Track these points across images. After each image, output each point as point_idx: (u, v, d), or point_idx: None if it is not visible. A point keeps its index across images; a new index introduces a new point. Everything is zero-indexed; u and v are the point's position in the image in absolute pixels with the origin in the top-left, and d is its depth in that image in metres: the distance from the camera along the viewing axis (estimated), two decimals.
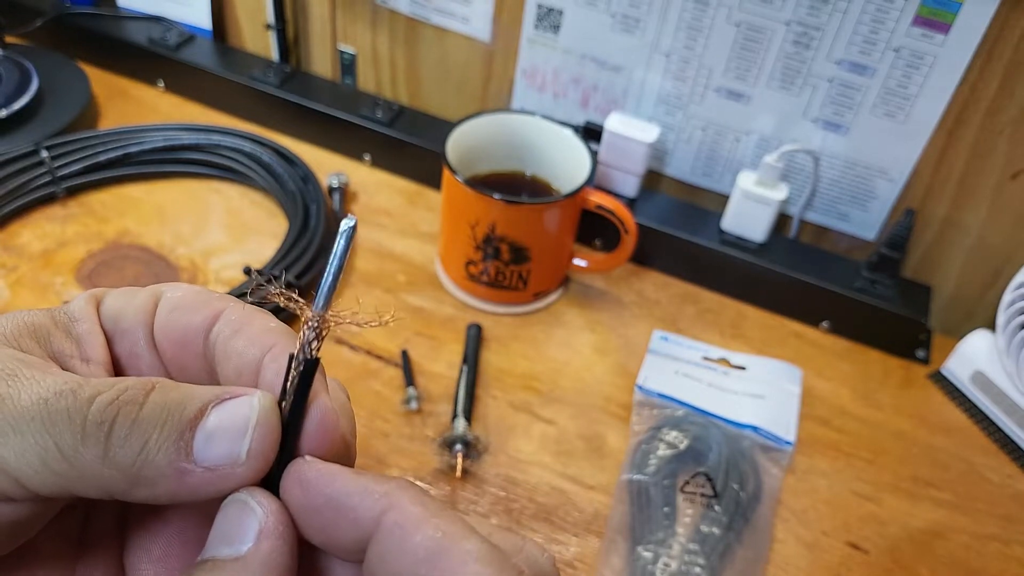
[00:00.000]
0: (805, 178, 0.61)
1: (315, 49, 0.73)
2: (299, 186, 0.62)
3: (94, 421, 0.17)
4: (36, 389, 0.17)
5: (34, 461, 0.17)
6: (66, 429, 0.17)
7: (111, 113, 0.70)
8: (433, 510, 0.17)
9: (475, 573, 0.16)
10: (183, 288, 0.21)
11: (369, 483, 0.18)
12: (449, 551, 0.17)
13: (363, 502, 0.17)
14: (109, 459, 0.17)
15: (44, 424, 0.17)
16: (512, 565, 0.17)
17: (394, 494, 0.17)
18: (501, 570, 0.17)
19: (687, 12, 0.57)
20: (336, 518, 0.18)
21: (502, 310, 0.58)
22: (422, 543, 0.17)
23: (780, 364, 0.57)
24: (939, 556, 0.48)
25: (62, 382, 0.18)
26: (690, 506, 0.47)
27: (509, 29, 0.64)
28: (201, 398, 0.18)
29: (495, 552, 0.17)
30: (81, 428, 0.17)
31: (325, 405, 0.19)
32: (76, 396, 0.17)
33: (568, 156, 0.57)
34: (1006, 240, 0.58)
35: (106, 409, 0.17)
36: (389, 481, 0.18)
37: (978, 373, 0.56)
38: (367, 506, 0.17)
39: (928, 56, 0.53)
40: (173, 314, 0.21)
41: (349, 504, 0.18)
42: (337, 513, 0.18)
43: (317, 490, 0.18)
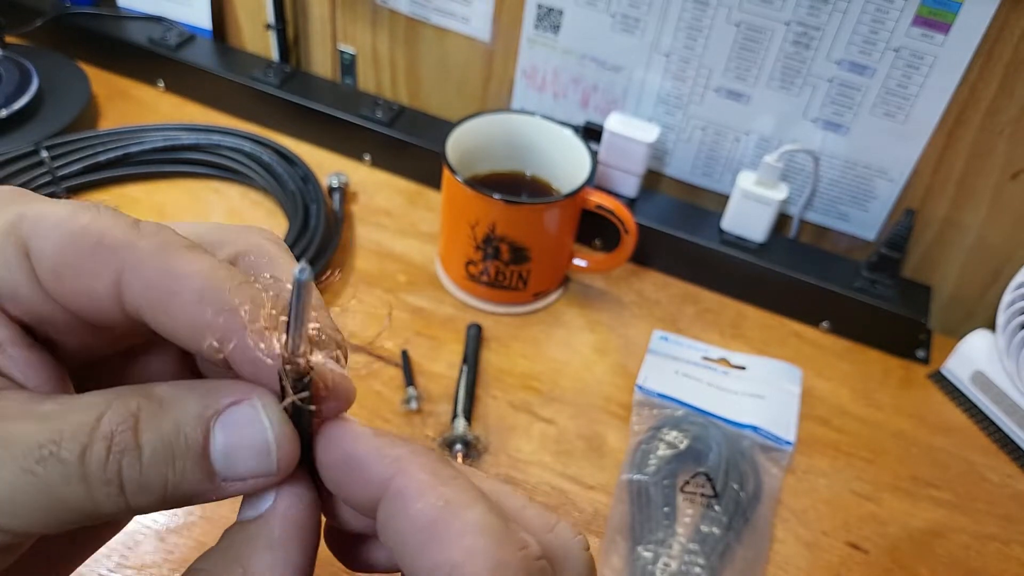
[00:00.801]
0: (805, 178, 0.61)
1: (315, 49, 0.73)
2: (299, 186, 0.62)
3: (98, 480, 0.16)
4: (7, 460, 0.16)
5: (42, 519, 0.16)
6: (70, 494, 0.16)
7: (111, 113, 0.70)
8: (443, 478, 0.17)
9: (472, 544, 0.16)
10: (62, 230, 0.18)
11: (383, 446, 0.18)
12: (449, 521, 0.16)
13: (374, 465, 0.18)
14: (132, 506, 0.17)
15: (43, 494, 0.16)
16: (515, 539, 0.17)
17: (404, 459, 0.18)
18: (501, 543, 0.16)
19: (687, 12, 0.57)
20: (349, 477, 0.18)
21: (502, 310, 0.58)
22: (423, 511, 0.17)
23: (780, 364, 0.57)
24: (939, 556, 0.48)
25: (35, 442, 0.16)
26: (690, 506, 0.47)
27: (509, 29, 0.64)
28: (197, 418, 0.17)
29: (497, 524, 0.17)
30: (87, 492, 0.16)
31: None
32: (61, 460, 0.16)
33: (568, 156, 0.57)
34: (1006, 240, 0.58)
35: (106, 467, 0.16)
36: (403, 446, 0.18)
37: (978, 373, 0.56)
38: (377, 469, 0.17)
39: (928, 56, 0.53)
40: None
41: (361, 465, 0.18)
42: (350, 472, 0.18)
43: (333, 447, 0.18)
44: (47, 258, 0.17)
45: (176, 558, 0.42)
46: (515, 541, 0.17)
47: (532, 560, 0.17)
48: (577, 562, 0.18)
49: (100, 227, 0.17)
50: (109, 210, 0.18)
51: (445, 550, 0.16)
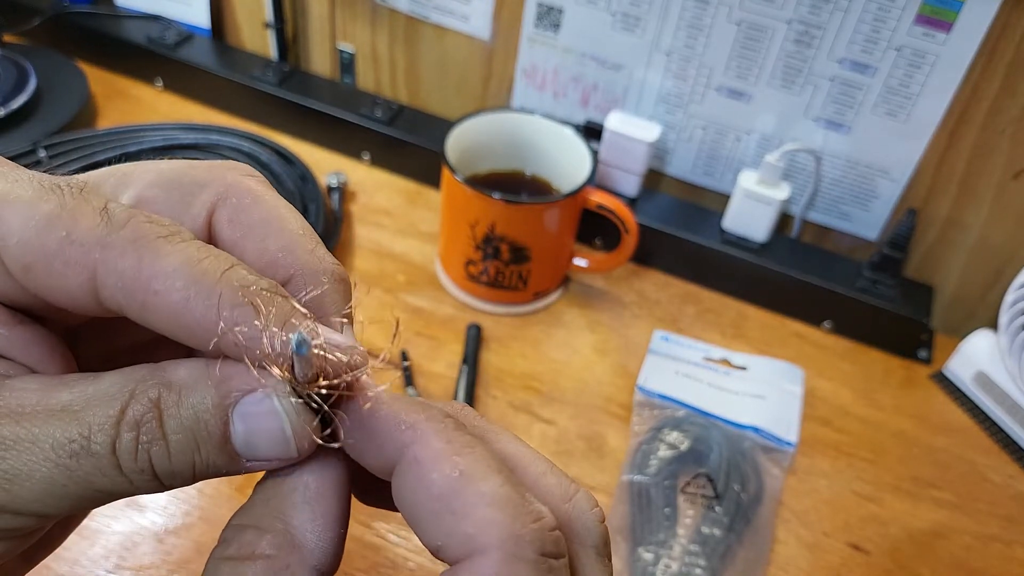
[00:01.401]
0: (807, 177, 0.61)
1: (314, 48, 0.73)
2: (298, 185, 0.61)
3: (131, 470, 0.17)
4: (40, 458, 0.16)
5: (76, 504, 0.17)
6: (106, 482, 0.17)
7: (109, 112, 0.69)
8: (459, 446, 0.17)
9: (485, 516, 0.16)
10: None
11: (400, 412, 0.18)
12: (462, 491, 0.16)
13: (390, 432, 0.17)
14: (167, 486, 0.17)
15: (78, 485, 0.16)
16: (529, 510, 0.16)
17: (421, 427, 0.17)
18: (515, 516, 0.16)
19: (687, 11, 0.57)
20: (366, 441, 0.18)
21: (502, 310, 0.58)
22: (437, 481, 0.16)
23: (781, 364, 0.57)
24: (940, 557, 0.48)
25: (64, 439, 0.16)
26: (691, 507, 0.47)
27: (509, 28, 0.64)
28: (216, 408, 0.17)
29: (512, 495, 0.16)
30: (122, 479, 0.17)
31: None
32: (93, 454, 0.16)
33: (568, 155, 0.57)
34: (1008, 240, 0.58)
35: (136, 457, 0.17)
36: (421, 412, 0.18)
37: (980, 373, 0.56)
38: (393, 436, 0.17)
39: (930, 55, 0.53)
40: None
41: (377, 431, 0.17)
42: (366, 437, 0.18)
43: (350, 411, 0.18)
44: (13, 253, 0.17)
45: (174, 559, 0.42)
46: (529, 513, 0.16)
47: (546, 532, 0.16)
48: (593, 534, 0.18)
49: (66, 219, 0.17)
50: (75, 192, 0.17)
51: (459, 522, 0.16)
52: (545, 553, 0.16)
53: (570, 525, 0.18)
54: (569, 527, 0.18)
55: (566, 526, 0.18)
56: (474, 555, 0.16)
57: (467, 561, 0.16)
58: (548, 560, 0.16)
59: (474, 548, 0.16)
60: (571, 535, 0.18)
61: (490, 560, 0.16)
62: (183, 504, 0.44)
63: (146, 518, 0.43)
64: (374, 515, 0.45)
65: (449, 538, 0.16)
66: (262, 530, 0.17)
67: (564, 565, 0.17)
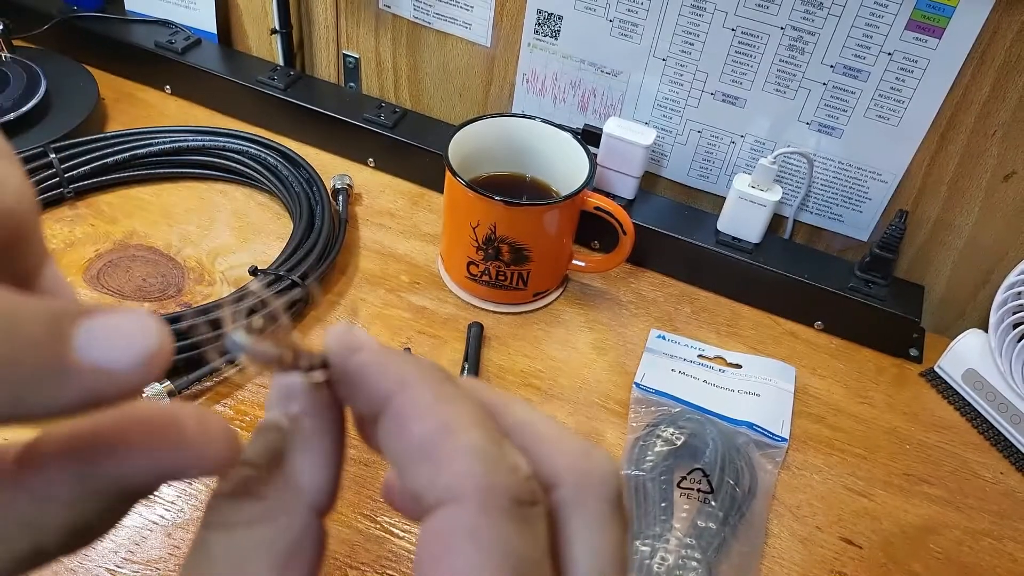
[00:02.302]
0: (799, 180, 0.62)
1: (319, 54, 0.74)
2: (304, 188, 0.63)
3: None
4: None
5: None
6: None
7: (119, 116, 0.71)
8: (444, 398, 0.17)
9: (461, 467, 0.16)
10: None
11: (388, 363, 0.18)
12: (442, 443, 0.17)
13: (378, 381, 0.18)
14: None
15: None
16: (505, 461, 0.17)
17: (408, 378, 0.18)
18: (490, 466, 0.16)
19: (684, 17, 0.58)
20: (354, 389, 0.18)
21: (503, 309, 0.59)
22: (419, 431, 0.17)
23: (775, 362, 0.58)
24: (932, 551, 0.49)
25: None
26: (686, 501, 0.48)
27: (509, 34, 0.65)
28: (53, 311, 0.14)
29: (489, 448, 0.17)
30: None
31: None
32: None
33: (567, 159, 0.58)
34: (998, 241, 0.59)
35: None
36: (408, 364, 0.18)
37: (970, 371, 0.57)
38: (380, 385, 0.18)
39: (921, 60, 0.54)
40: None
41: (365, 379, 0.18)
42: (355, 385, 0.18)
43: (339, 359, 0.18)
44: None
45: (183, 553, 0.43)
46: (505, 463, 0.17)
47: (522, 481, 0.17)
48: (609, 487, 0.18)
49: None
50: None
51: (437, 472, 0.16)
52: (520, 501, 0.16)
53: (587, 479, 0.18)
54: (586, 480, 0.18)
55: (583, 480, 0.18)
56: (450, 504, 0.16)
57: (442, 509, 0.16)
58: (523, 507, 0.16)
59: (449, 497, 0.16)
60: (587, 489, 0.18)
61: (465, 509, 0.16)
62: (192, 498, 0.45)
63: (155, 512, 0.44)
64: (378, 509, 0.46)
65: (427, 489, 0.16)
66: (261, 468, 0.18)
67: (540, 513, 0.17)
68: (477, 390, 0.19)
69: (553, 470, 0.18)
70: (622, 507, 0.18)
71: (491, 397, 0.19)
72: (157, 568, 0.42)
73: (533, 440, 0.18)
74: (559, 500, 0.18)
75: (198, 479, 0.46)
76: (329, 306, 0.58)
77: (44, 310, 0.14)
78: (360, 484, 0.47)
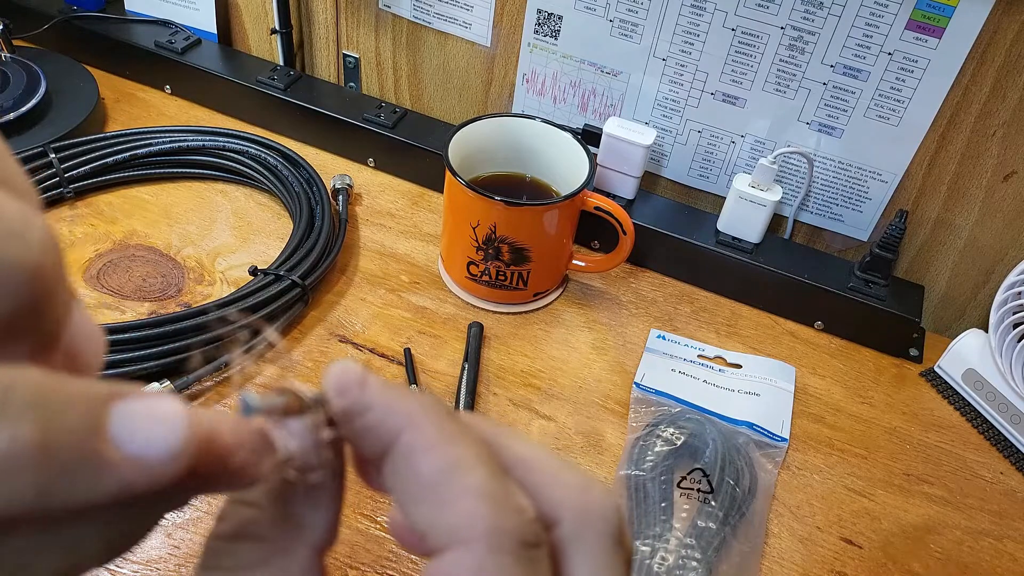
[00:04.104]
0: (799, 180, 0.62)
1: (319, 54, 0.74)
2: (304, 188, 0.63)
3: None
4: None
5: None
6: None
7: (119, 116, 0.71)
8: (450, 435, 0.17)
9: (468, 508, 0.16)
10: None
11: (394, 400, 0.18)
12: (449, 483, 0.17)
13: (384, 418, 0.18)
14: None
15: None
16: (511, 504, 0.17)
17: (416, 415, 0.17)
18: (499, 508, 0.16)
19: (684, 17, 0.58)
20: (360, 427, 0.18)
21: (503, 309, 0.59)
22: (426, 470, 0.17)
23: (774, 362, 0.58)
24: (932, 551, 0.49)
25: None
26: (686, 501, 0.48)
27: (509, 34, 0.65)
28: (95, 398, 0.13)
29: (495, 489, 0.17)
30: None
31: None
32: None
33: (567, 159, 0.58)
34: (997, 240, 0.59)
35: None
36: (415, 400, 0.18)
37: (970, 371, 0.57)
38: (387, 423, 0.17)
39: (921, 60, 0.54)
40: None
41: (371, 417, 0.18)
42: (360, 423, 0.18)
43: (346, 398, 0.18)
44: None
45: (183, 553, 0.43)
46: (511, 505, 0.17)
47: (527, 524, 0.17)
48: (610, 523, 0.18)
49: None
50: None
51: (445, 512, 0.16)
52: (526, 543, 0.16)
53: (587, 515, 0.18)
54: (586, 517, 0.18)
55: (583, 517, 0.18)
56: (457, 546, 0.16)
57: (450, 552, 0.16)
58: (529, 549, 0.16)
59: (457, 539, 0.16)
60: (588, 525, 0.18)
61: (472, 552, 0.16)
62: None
63: None
64: (378, 509, 0.46)
65: (433, 528, 0.17)
66: (260, 508, 0.17)
67: (544, 555, 0.17)
68: (476, 424, 0.19)
69: (553, 506, 0.18)
70: (623, 542, 0.18)
71: (489, 431, 0.19)
72: (157, 568, 0.42)
73: (532, 476, 0.18)
74: (560, 537, 0.18)
75: None
76: (329, 307, 0.58)
77: (82, 396, 0.13)
78: (360, 484, 0.47)
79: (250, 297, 0.53)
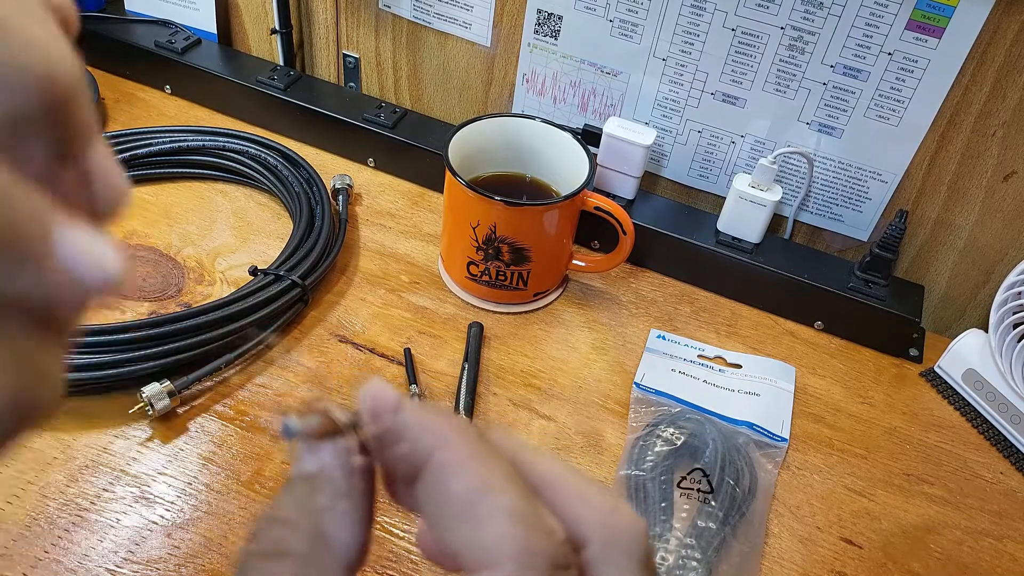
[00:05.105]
0: (799, 180, 0.62)
1: (319, 54, 0.74)
2: (304, 188, 0.63)
3: None
4: None
5: None
6: None
7: (118, 116, 0.71)
8: (481, 457, 0.18)
9: (500, 529, 0.17)
10: None
11: (428, 419, 0.18)
12: (481, 503, 0.17)
13: (418, 437, 0.18)
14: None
15: None
16: (542, 525, 0.17)
17: (447, 437, 0.18)
18: (531, 530, 0.17)
19: (684, 17, 0.58)
20: (393, 447, 0.18)
21: (503, 309, 0.59)
22: (458, 490, 0.17)
23: (774, 362, 0.58)
24: (932, 551, 0.49)
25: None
26: (686, 501, 0.48)
27: (510, 34, 0.65)
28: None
29: (527, 510, 0.17)
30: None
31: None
32: None
33: (567, 159, 0.58)
34: (997, 240, 0.59)
35: None
36: (448, 421, 0.18)
37: (970, 371, 0.57)
38: (421, 442, 0.18)
39: (921, 60, 0.54)
40: None
41: (405, 436, 0.18)
42: (394, 442, 0.18)
43: (380, 422, 0.18)
44: None
45: (183, 553, 0.43)
46: (542, 527, 0.17)
47: (558, 545, 0.17)
48: (637, 545, 0.18)
49: None
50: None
51: (476, 532, 0.17)
52: (557, 565, 0.17)
53: (615, 536, 0.18)
54: (615, 539, 0.18)
55: (612, 538, 0.18)
56: (489, 567, 0.16)
57: (481, 573, 0.16)
58: (559, 572, 0.17)
59: (489, 560, 0.16)
60: (615, 547, 0.18)
61: (504, 573, 0.16)
62: (191, 499, 0.45)
63: (155, 512, 0.44)
64: (379, 509, 0.46)
65: (465, 548, 0.17)
66: (293, 526, 0.18)
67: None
68: (505, 444, 0.19)
69: (581, 527, 0.18)
70: (650, 565, 0.19)
71: (518, 451, 0.19)
72: (157, 568, 0.42)
73: (560, 496, 0.19)
74: (588, 559, 0.18)
75: (203, 480, 0.46)
76: (329, 306, 0.58)
77: (41, 206, 0.14)
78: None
79: (250, 297, 0.53)
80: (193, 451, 0.47)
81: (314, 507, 0.18)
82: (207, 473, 0.46)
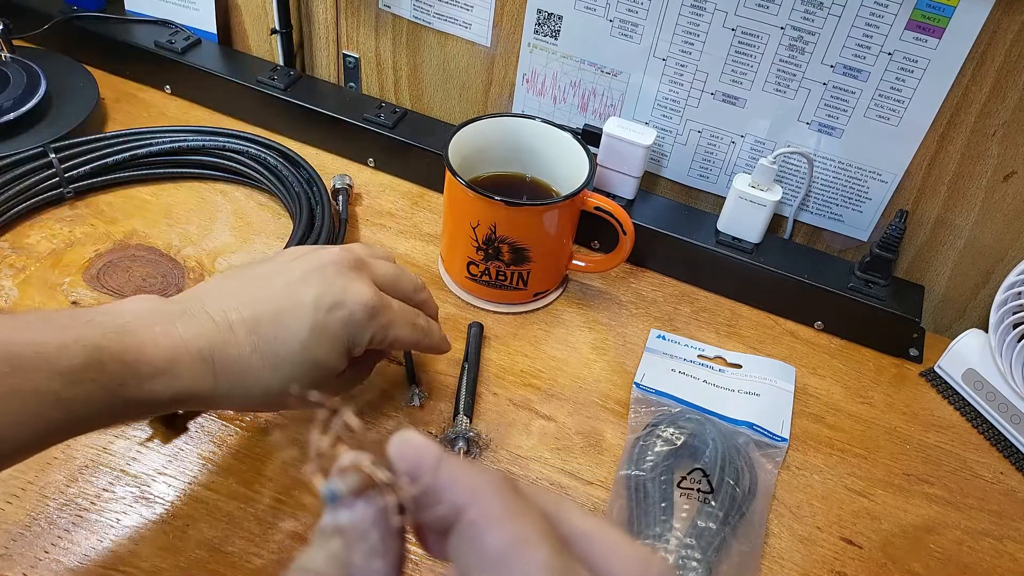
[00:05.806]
0: (799, 180, 0.62)
1: (319, 54, 0.74)
2: (304, 188, 0.63)
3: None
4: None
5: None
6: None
7: (119, 116, 0.71)
8: (516, 511, 0.18)
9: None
10: None
11: (460, 474, 0.18)
12: (516, 557, 0.17)
13: (449, 492, 0.18)
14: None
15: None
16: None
17: (480, 490, 0.18)
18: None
19: (684, 17, 0.58)
20: (424, 500, 0.18)
21: (503, 309, 0.59)
22: (492, 545, 0.17)
23: (774, 362, 0.58)
24: (932, 551, 0.49)
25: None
26: (686, 501, 0.48)
27: (509, 34, 0.65)
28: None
29: (563, 566, 0.17)
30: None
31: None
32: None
33: (567, 159, 0.58)
34: (998, 240, 0.59)
35: None
36: (481, 475, 0.18)
37: (970, 371, 0.57)
38: (452, 497, 0.18)
39: (921, 60, 0.54)
40: None
41: (436, 491, 0.18)
42: (425, 496, 0.18)
43: (419, 483, 0.18)
44: None
45: (183, 553, 0.43)
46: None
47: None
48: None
49: None
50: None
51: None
52: None
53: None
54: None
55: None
56: None
57: None
58: None
59: None
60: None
61: None
62: (191, 499, 0.45)
63: (155, 512, 0.44)
64: None
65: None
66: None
67: None
68: (538, 497, 0.20)
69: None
70: None
71: (551, 504, 0.20)
72: (157, 568, 0.42)
73: (593, 549, 0.19)
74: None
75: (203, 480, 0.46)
76: None
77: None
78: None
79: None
80: (193, 451, 0.47)
81: (347, 562, 0.18)
82: (207, 473, 0.46)
